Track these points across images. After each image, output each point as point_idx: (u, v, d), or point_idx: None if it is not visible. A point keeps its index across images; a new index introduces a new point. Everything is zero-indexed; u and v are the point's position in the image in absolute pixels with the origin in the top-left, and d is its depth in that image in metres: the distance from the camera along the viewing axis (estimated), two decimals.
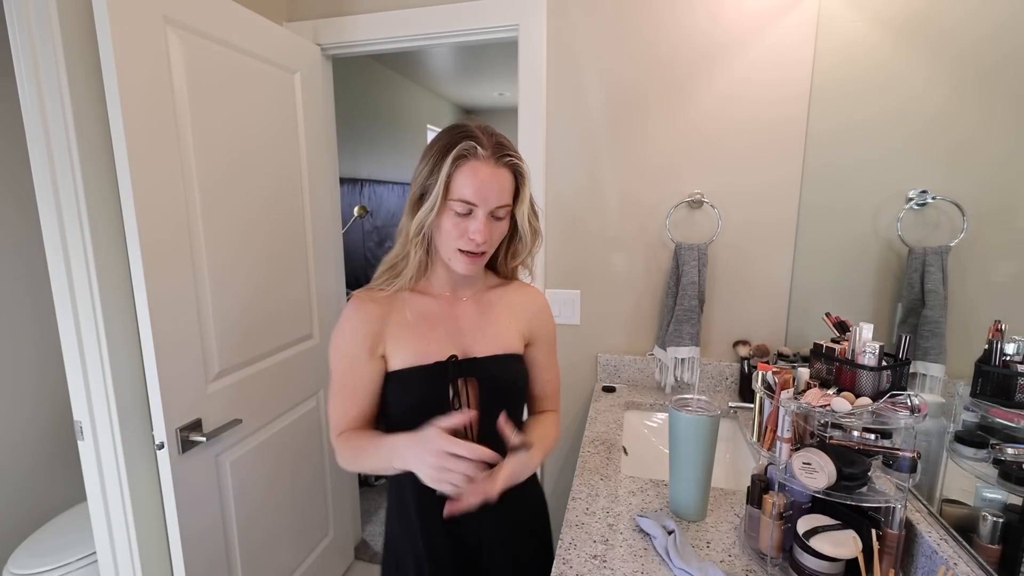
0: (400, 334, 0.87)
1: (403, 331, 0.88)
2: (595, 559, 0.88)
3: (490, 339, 0.92)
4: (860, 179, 1.30)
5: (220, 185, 1.35)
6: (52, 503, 1.90)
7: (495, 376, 0.90)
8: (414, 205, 0.83)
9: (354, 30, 1.76)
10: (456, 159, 0.78)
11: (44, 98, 1.11)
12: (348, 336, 0.87)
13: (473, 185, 0.79)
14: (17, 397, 1.84)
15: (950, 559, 0.75)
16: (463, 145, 0.78)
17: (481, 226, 0.80)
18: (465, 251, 0.83)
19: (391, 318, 0.88)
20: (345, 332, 0.88)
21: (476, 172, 0.79)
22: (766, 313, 1.59)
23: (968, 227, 0.95)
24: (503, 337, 0.93)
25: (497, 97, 5.49)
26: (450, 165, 0.78)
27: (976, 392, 0.82)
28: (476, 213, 0.80)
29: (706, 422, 0.95)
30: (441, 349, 0.87)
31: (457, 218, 0.81)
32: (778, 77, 1.47)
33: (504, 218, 0.85)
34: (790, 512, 0.85)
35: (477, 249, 0.82)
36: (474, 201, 0.79)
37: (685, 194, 1.59)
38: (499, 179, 0.81)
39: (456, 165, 0.79)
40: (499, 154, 0.80)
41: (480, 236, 0.81)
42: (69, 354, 1.20)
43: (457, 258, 0.84)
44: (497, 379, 0.90)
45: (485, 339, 0.92)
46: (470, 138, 0.79)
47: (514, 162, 0.82)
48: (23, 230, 1.83)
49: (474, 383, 0.88)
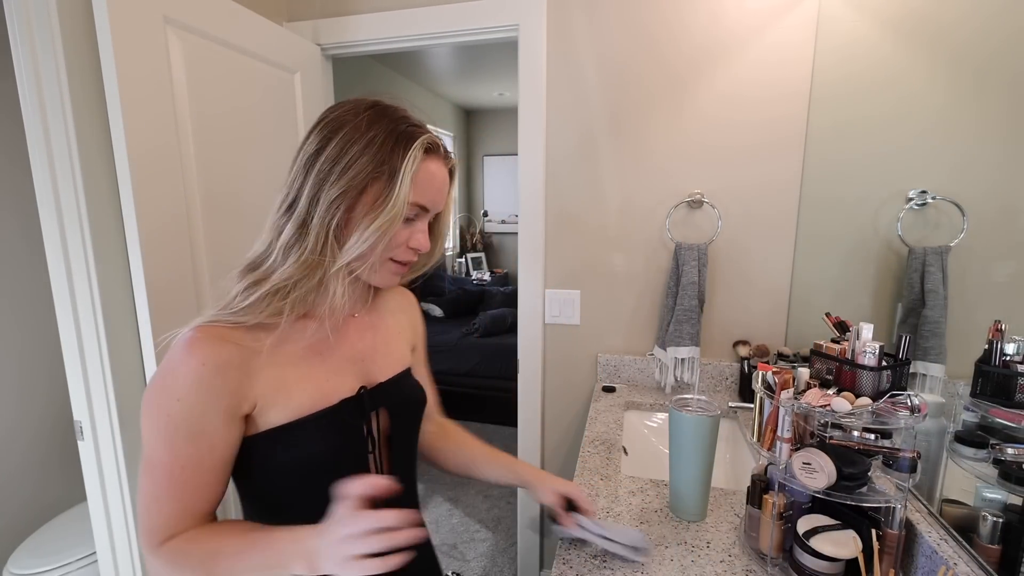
0: (285, 376, 0.65)
1: (289, 371, 0.65)
2: (595, 559, 0.88)
3: (388, 357, 0.78)
4: (860, 179, 1.30)
5: (220, 185, 1.35)
6: (52, 503, 1.90)
7: (403, 399, 0.78)
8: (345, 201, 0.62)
9: (354, 30, 1.76)
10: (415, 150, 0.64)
11: (44, 99, 1.11)
12: (190, 396, 0.59)
13: (433, 188, 0.67)
14: (17, 397, 1.84)
15: (950, 559, 0.75)
16: (426, 139, 0.65)
17: (425, 234, 0.70)
18: (399, 261, 0.70)
19: (257, 361, 0.63)
20: (183, 390, 0.59)
21: (435, 174, 0.67)
22: (766, 313, 1.60)
23: (968, 227, 0.95)
24: (398, 352, 0.81)
25: (497, 97, 5.49)
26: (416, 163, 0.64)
27: (976, 392, 0.82)
28: (421, 219, 0.69)
29: (706, 422, 0.95)
30: (343, 382, 0.70)
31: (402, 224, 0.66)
32: (778, 77, 1.47)
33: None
34: (790, 512, 0.85)
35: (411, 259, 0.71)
36: (427, 206, 0.68)
37: (685, 194, 1.59)
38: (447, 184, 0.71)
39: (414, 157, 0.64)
40: (447, 153, 0.70)
41: (425, 245, 0.70)
42: (69, 354, 1.20)
43: (386, 269, 0.70)
44: (406, 402, 0.79)
45: (385, 359, 0.77)
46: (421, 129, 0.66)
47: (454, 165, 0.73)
48: (23, 230, 1.83)
49: (385, 413, 0.73)
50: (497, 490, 2.74)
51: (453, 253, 6.03)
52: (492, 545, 2.32)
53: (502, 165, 6.26)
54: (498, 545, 2.32)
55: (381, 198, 0.63)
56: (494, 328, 3.65)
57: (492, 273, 5.94)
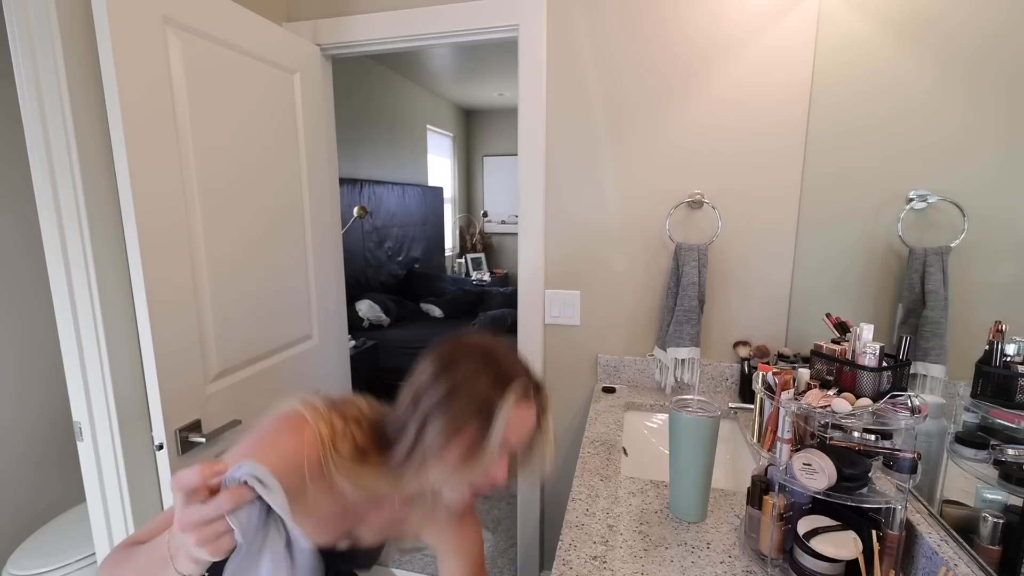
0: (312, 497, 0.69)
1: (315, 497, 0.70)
2: (595, 560, 0.88)
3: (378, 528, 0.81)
4: (860, 180, 1.30)
5: (219, 185, 1.35)
6: (51, 504, 1.90)
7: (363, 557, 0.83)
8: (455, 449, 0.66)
9: (354, 30, 1.76)
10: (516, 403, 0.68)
11: (44, 99, 1.11)
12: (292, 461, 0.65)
13: (520, 433, 0.70)
14: (16, 398, 1.84)
15: (950, 560, 0.75)
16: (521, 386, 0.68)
17: (505, 469, 0.70)
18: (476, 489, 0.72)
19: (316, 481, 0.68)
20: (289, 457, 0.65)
21: (525, 421, 0.70)
22: (766, 314, 1.59)
23: (969, 228, 0.95)
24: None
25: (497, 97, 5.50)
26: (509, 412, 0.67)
27: (976, 393, 0.82)
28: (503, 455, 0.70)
29: (706, 423, 0.95)
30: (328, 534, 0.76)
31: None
32: (778, 78, 1.47)
33: None
34: (790, 513, 0.85)
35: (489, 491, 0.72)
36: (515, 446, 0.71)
37: (685, 194, 1.59)
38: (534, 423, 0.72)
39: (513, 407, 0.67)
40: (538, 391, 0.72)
41: (502, 479, 0.70)
42: (68, 355, 1.20)
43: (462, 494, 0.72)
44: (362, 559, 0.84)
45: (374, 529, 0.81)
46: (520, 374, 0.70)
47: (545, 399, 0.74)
48: (22, 231, 1.83)
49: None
50: (497, 491, 2.74)
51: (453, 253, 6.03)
52: (492, 546, 2.31)
53: (502, 165, 6.26)
54: (498, 546, 2.31)
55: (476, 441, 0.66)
56: (494, 329, 3.65)
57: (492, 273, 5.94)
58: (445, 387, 0.68)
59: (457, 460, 0.66)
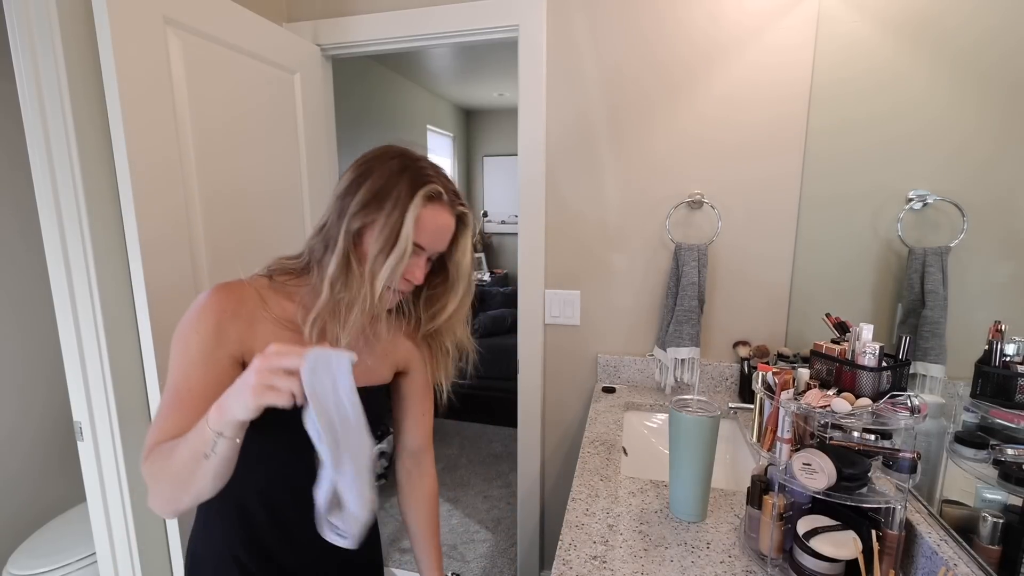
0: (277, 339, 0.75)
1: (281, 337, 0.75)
2: (595, 560, 0.88)
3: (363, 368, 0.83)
4: (860, 179, 1.30)
5: (220, 185, 1.35)
6: (52, 504, 1.90)
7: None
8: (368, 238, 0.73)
9: (354, 30, 1.76)
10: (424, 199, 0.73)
11: (44, 100, 1.11)
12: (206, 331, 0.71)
13: (432, 231, 0.76)
14: (17, 398, 1.84)
15: (950, 560, 0.75)
16: (430, 189, 0.74)
17: (423, 271, 0.78)
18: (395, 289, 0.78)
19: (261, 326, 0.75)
20: (202, 325, 0.71)
21: (437, 218, 0.76)
22: (766, 314, 1.60)
23: (968, 227, 0.95)
24: (376, 369, 0.87)
25: (497, 97, 5.49)
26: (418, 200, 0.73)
27: (976, 393, 0.82)
28: (421, 256, 0.78)
29: (706, 422, 0.95)
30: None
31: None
32: (778, 78, 1.47)
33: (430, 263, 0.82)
34: (790, 513, 0.85)
35: (408, 289, 0.79)
36: (425, 247, 0.76)
37: (685, 194, 1.59)
38: (450, 227, 0.79)
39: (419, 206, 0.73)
40: (455, 202, 0.79)
41: (418, 279, 0.78)
42: (69, 354, 1.20)
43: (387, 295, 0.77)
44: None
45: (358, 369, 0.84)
46: (433, 180, 0.76)
47: (464, 212, 0.80)
48: (23, 231, 1.83)
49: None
50: (497, 491, 2.74)
51: None
52: (492, 546, 2.32)
53: (502, 165, 6.26)
54: (498, 546, 2.31)
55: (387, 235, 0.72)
56: (494, 328, 3.65)
57: (492, 273, 5.94)
58: (366, 188, 0.73)
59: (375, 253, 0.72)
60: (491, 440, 3.32)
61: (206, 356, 0.71)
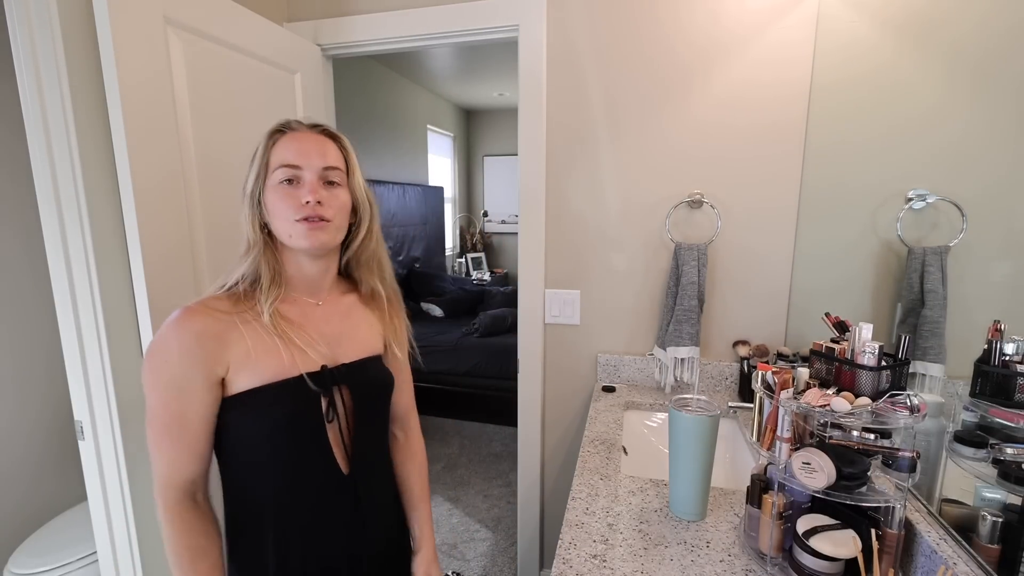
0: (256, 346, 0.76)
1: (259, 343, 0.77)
2: (595, 559, 0.89)
3: (355, 342, 0.88)
4: (859, 179, 1.30)
5: (220, 185, 1.35)
6: (52, 503, 1.90)
7: (367, 379, 0.87)
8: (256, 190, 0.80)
9: (354, 30, 1.76)
10: (272, 135, 0.80)
11: (45, 99, 1.11)
12: (176, 358, 0.73)
13: (292, 148, 0.79)
14: (17, 397, 1.84)
15: (949, 559, 0.75)
16: (277, 124, 0.82)
17: (312, 186, 0.78)
18: (303, 219, 0.77)
19: (233, 333, 0.76)
20: (172, 354, 0.73)
21: (294, 138, 0.80)
22: (766, 313, 1.60)
23: (967, 227, 0.95)
24: (366, 339, 0.90)
25: (497, 97, 5.50)
26: (267, 140, 0.80)
27: (975, 392, 0.82)
28: (303, 176, 0.78)
29: (706, 422, 0.95)
30: (308, 358, 0.80)
31: (287, 188, 0.78)
32: (778, 77, 1.47)
33: (340, 184, 0.82)
34: (790, 512, 0.85)
35: (315, 212, 0.77)
36: (296, 162, 0.78)
37: (685, 194, 1.59)
38: (319, 143, 0.81)
39: (273, 140, 0.80)
40: (314, 125, 0.83)
41: (313, 195, 0.77)
42: (69, 354, 1.20)
43: (298, 231, 0.77)
44: (370, 382, 0.88)
45: (351, 343, 0.87)
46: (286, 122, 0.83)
47: (330, 130, 0.84)
48: (24, 231, 1.83)
49: (347, 391, 0.83)
50: (497, 490, 2.74)
51: (453, 253, 6.04)
52: (492, 545, 2.32)
53: (502, 165, 6.26)
54: (498, 545, 2.32)
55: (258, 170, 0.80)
56: (494, 328, 3.65)
57: (492, 273, 5.94)
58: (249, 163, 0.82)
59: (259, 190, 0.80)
60: (491, 439, 3.32)
61: (182, 382, 0.73)
